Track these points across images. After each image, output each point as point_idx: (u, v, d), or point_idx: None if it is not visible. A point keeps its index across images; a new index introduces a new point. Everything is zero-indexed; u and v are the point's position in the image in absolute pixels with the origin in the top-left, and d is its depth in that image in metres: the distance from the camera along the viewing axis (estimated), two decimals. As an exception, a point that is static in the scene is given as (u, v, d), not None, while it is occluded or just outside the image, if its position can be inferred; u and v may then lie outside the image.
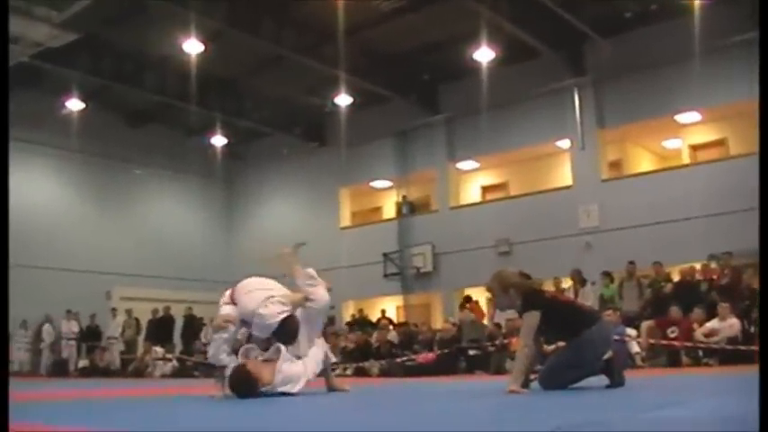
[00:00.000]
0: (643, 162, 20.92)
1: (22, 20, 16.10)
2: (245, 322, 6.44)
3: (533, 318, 5.66)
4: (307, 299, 6.41)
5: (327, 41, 17.91)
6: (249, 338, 6.49)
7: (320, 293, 6.54)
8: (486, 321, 16.78)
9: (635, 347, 12.59)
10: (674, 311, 13.00)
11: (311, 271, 6.64)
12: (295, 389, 5.91)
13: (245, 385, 5.80)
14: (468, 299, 18.12)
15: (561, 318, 5.79)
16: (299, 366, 6.05)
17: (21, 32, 16.59)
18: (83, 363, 20.65)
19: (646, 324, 13.26)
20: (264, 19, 17.91)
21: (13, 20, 15.79)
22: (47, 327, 21.17)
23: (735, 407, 3.89)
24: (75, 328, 21.43)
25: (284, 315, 6.12)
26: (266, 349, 6.15)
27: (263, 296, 6.25)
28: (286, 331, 6.12)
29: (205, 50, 18.00)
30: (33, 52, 17.62)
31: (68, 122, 21.43)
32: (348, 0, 16.61)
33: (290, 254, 6.79)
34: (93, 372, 19.42)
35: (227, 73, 21.23)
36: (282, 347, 6.01)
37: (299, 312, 6.31)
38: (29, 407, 6.15)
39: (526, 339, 5.66)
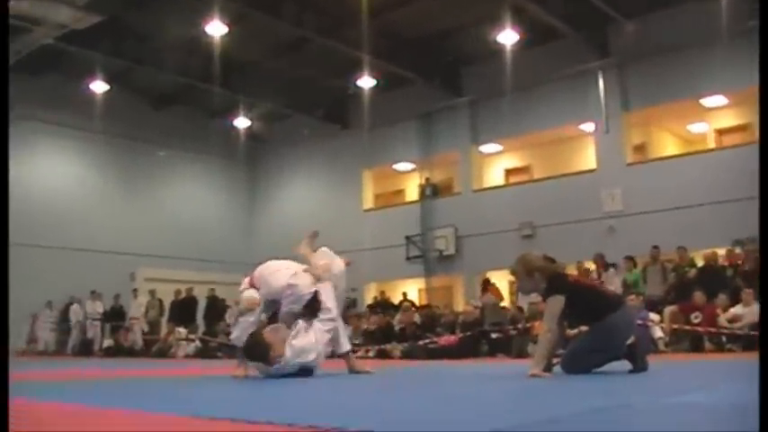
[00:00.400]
0: (668, 146, 20.74)
1: (47, 2, 16.20)
2: (270, 304, 6.51)
3: (558, 302, 5.63)
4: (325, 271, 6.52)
5: (351, 24, 17.85)
6: (270, 321, 6.52)
7: (322, 264, 6.62)
8: (504, 304, 16.76)
9: (658, 332, 12.52)
10: (698, 297, 12.92)
11: (325, 249, 6.84)
12: (310, 357, 5.96)
13: (256, 349, 5.88)
14: (487, 282, 18.09)
15: (585, 302, 5.76)
16: (311, 336, 6.08)
17: (45, 15, 16.70)
18: (107, 342, 20.86)
19: (669, 309, 13.21)
20: (287, 1, 17.89)
21: (38, 3, 15.90)
22: (75, 307, 21.39)
23: (756, 393, 3.86)
24: (100, 309, 21.63)
25: (316, 287, 6.27)
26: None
27: (291, 272, 6.43)
28: (318, 303, 6.21)
29: (228, 32, 18.00)
30: (57, 34, 17.71)
31: (92, 104, 21.52)
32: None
33: (305, 245, 6.92)
34: (118, 351, 19.60)
35: (250, 55, 21.20)
36: (300, 322, 6.07)
37: None
38: (55, 386, 6.24)
39: (550, 323, 5.64)
